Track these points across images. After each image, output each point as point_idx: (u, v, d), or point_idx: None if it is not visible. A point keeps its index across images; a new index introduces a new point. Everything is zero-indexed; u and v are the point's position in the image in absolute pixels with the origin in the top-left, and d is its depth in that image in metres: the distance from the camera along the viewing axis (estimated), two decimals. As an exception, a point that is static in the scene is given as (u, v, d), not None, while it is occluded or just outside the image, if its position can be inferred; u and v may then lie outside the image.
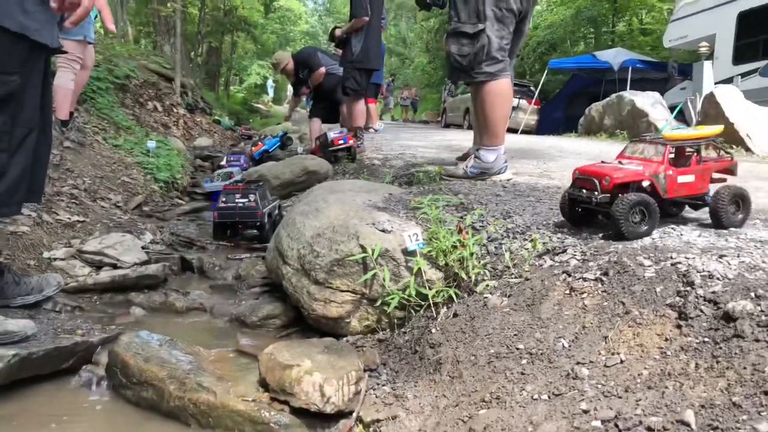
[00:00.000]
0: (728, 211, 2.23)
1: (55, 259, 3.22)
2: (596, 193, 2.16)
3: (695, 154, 2.29)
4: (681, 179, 2.22)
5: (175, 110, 11.32)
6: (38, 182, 2.56)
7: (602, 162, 2.37)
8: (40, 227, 3.48)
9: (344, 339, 2.48)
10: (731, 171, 2.39)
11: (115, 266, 3.28)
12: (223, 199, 4.34)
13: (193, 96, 14.26)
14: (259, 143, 8.47)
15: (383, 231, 2.55)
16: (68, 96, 5.23)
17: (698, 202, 2.35)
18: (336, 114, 7.86)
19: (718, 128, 2.36)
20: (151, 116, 9.76)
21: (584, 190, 2.23)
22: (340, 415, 1.97)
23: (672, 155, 2.25)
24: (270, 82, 29.47)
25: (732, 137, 7.76)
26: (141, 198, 5.15)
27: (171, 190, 6.20)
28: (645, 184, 2.17)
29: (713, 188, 2.32)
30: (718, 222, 2.24)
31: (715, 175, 2.38)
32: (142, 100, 9.91)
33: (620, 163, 2.28)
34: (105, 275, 3.16)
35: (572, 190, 2.32)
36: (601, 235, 2.25)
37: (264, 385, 2.06)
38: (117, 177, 5.30)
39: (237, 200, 4.31)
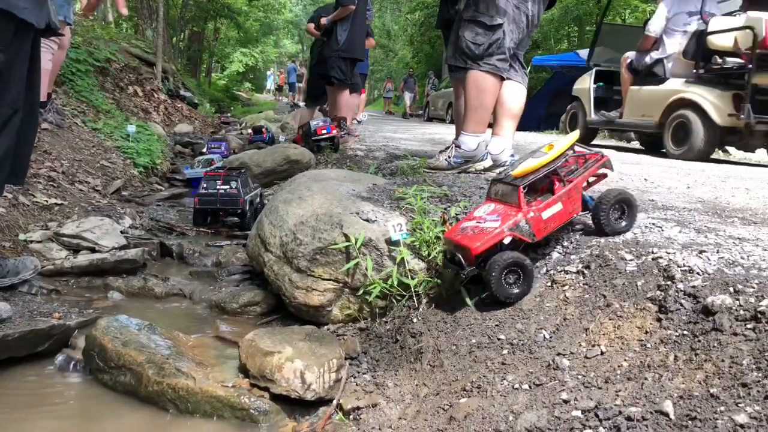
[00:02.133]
0: (611, 217, 2.07)
1: (31, 242, 3.17)
2: (464, 265, 1.98)
3: (555, 177, 2.09)
4: (547, 214, 2.02)
5: (155, 95, 11.18)
6: (22, 165, 2.51)
7: (464, 220, 2.14)
8: (15, 209, 3.42)
9: (325, 327, 2.48)
10: (607, 167, 2.21)
11: (93, 250, 3.23)
12: (204, 186, 4.29)
13: (174, 82, 14.09)
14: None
15: (367, 220, 2.54)
16: (45, 76, 5.13)
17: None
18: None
19: (571, 139, 2.15)
20: (131, 101, 9.64)
21: (456, 259, 2.03)
22: (321, 402, 1.97)
23: (526, 192, 2.04)
24: (270, 73, 28.82)
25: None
26: (120, 182, 5.08)
27: (150, 175, 6.13)
28: (506, 241, 1.98)
29: (599, 191, 2.20)
30: (599, 228, 2.09)
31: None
32: (122, 84, 9.77)
33: (481, 219, 2.06)
34: (83, 259, 3.12)
35: (447, 257, 2.15)
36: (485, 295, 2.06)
37: (244, 371, 2.05)
38: (96, 161, 5.22)
39: (218, 187, 4.25)
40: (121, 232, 3.62)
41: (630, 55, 7.13)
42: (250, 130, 9.30)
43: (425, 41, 30.23)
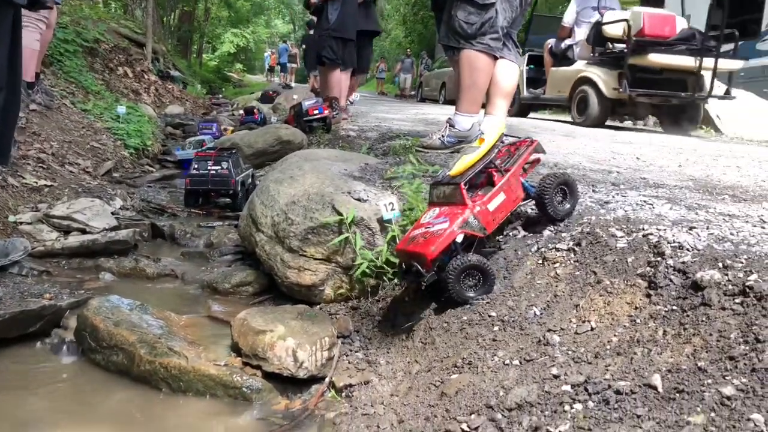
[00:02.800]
0: (554, 201, 2.09)
1: (21, 223, 3.15)
2: (422, 272, 1.92)
3: (492, 169, 2.10)
4: (493, 205, 2.01)
5: (146, 76, 11.08)
6: (5, 144, 2.48)
7: (413, 230, 2.10)
8: (5, 190, 3.39)
9: (318, 306, 2.48)
10: (539, 152, 2.22)
11: (83, 231, 3.21)
12: (195, 166, 4.26)
13: (164, 63, 13.96)
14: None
15: (359, 200, 2.54)
16: (34, 56, 5.06)
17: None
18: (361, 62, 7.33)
19: (498, 131, 2.17)
20: (121, 82, 9.54)
21: (413, 268, 1.98)
22: (313, 380, 1.98)
23: (467, 188, 2.03)
24: (267, 54, 27.39)
25: (702, 117, 7.88)
26: (111, 164, 5.04)
27: (141, 157, 6.09)
28: (459, 239, 1.96)
29: (539, 175, 2.20)
30: (544, 212, 2.12)
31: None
32: (112, 65, 9.67)
33: (429, 225, 2.02)
34: (73, 240, 3.10)
35: (403, 270, 2.10)
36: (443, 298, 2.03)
37: (236, 350, 2.06)
38: (86, 142, 5.18)
39: (209, 167, 4.23)
40: (112, 213, 3.60)
41: (551, 41, 8.60)
42: (241, 111, 9.25)
43: (418, 21, 29.98)
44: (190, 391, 1.91)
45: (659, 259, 1.64)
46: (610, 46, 7.58)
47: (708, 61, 6.97)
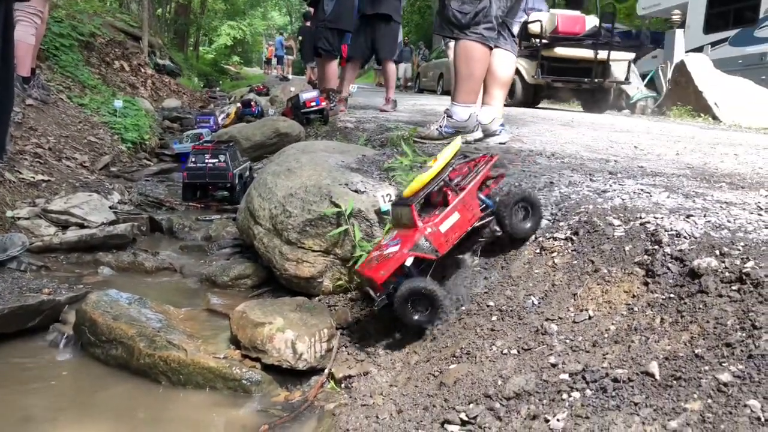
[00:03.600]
0: (513, 219, 1.99)
1: (18, 218, 3.15)
2: (377, 296, 1.91)
3: (447, 188, 2.02)
4: (445, 226, 1.93)
5: (142, 70, 11.04)
6: (1, 138, 2.48)
7: (374, 251, 2.07)
8: (2, 185, 3.39)
9: (317, 298, 2.48)
10: (500, 167, 2.14)
11: (81, 226, 3.21)
12: (193, 159, 4.26)
13: (161, 56, 13.91)
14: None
15: (356, 191, 2.54)
16: (29, 51, 5.03)
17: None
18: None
19: (454, 147, 2.07)
20: (117, 76, 9.51)
21: (370, 292, 1.97)
22: (312, 371, 1.98)
23: (419, 209, 1.97)
24: (279, 39, 27.07)
25: (700, 106, 7.88)
26: (108, 158, 5.04)
27: (139, 150, 6.09)
28: (408, 262, 1.89)
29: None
30: (503, 230, 2.02)
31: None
32: (108, 59, 9.63)
33: (385, 247, 1.99)
34: (72, 235, 3.10)
35: (364, 290, 2.09)
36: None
37: (235, 342, 2.06)
38: (83, 136, 5.17)
39: (207, 161, 4.23)
40: (110, 207, 3.60)
41: None
42: (238, 104, 9.21)
43: (415, 11, 29.87)
44: (189, 384, 1.91)
45: (656, 247, 1.64)
46: (533, 41, 9.16)
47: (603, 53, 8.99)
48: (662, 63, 10.18)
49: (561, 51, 9.01)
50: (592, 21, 9.36)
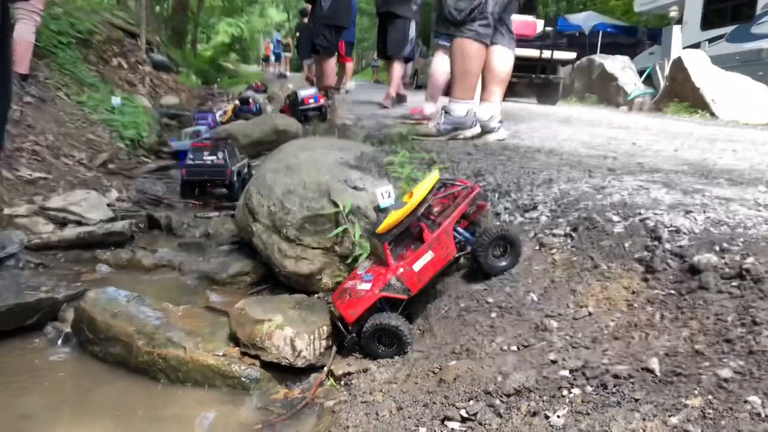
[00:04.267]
0: (488, 256, 1.92)
1: (16, 216, 3.14)
2: (347, 332, 1.94)
3: (423, 224, 1.97)
4: (419, 265, 1.90)
5: (140, 67, 10.98)
6: None
7: (349, 279, 2.07)
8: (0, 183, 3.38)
9: (316, 295, 2.48)
10: (480, 200, 2.07)
11: (80, 223, 3.21)
12: (191, 157, 4.25)
13: (160, 54, 13.86)
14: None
15: (355, 188, 2.53)
16: (29, 49, 5.02)
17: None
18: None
19: (431, 181, 1.99)
20: (115, 73, 9.46)
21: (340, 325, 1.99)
22: (312, 369, 1.98)
23: (392, 246, 1.94)
24: (276, 36, 26.98)
25: (698, 102, 7.89)
26: (106, 155, 5.02)
27: (137, 148, 6.07)
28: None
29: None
30: (479, 266, 1.96)
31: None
32: (106, 56, 9.58)
33: (359, 279, 1.98)
34: (70, 232, 3.09)
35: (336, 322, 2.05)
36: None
37: (234, 339, 2.05)
38: (81, 134, 5.15)
39: (205, 158, 4.23)
40: (108, 204, 3.60)
41: None
42: (236, 101, 9.20)
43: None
44: (188, 381, 1.91)
45: (656, 243, 1.64)
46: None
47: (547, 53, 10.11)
48: (659, 59, 10.18)
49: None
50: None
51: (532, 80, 10.50)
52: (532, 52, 10.16)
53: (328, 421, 1.64)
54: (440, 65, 5.08)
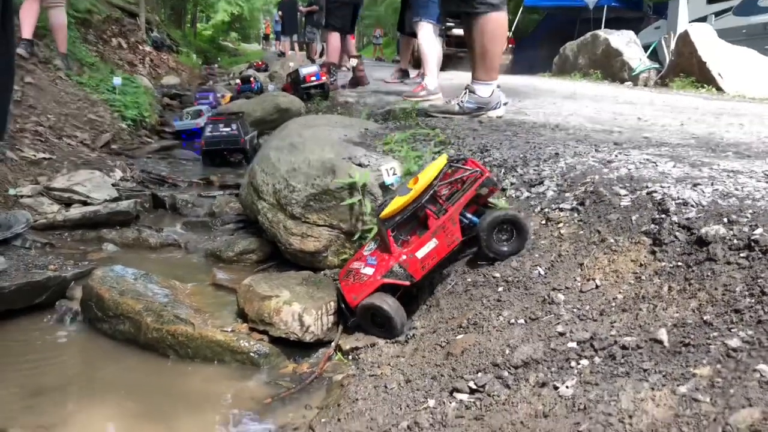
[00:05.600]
0: (492, 240, 1.88)
1: (21, 196, 3.14)
2: (349, 315, 1.98)
3: (428, 210, 1.95)
4: (422, 253, 1.90)
5: (140, 47, 10.95)
6: (2, 116, 2.46)
7: (354, 260, 2.10)
8: (3, 164, 3.38)
9: (322, 273, 2.48)
10: (489, 186, 2.00)
11: (84, 203, 3.21)
12: (209, 129, 4.73)
13: (159, 33, 13.77)
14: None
15: (360, 165, 2.52)
16: (65, 30, 5.79)
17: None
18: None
19: (437, 167, 1.95)
20: (115, 53, 9.42)
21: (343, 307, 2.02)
22: (320, 344, 1.99)
23: (395, 232, 1.94)
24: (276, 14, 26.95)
25: (704, 76, 7.82)
26: (109, 136, 5.01)
27: (139, 128, 6.06)
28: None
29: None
30: (481, 249, 1.92)
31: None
32: (105, 36, 9.54)
33: (363, 261, 2.01)
34: (75, 212, 3.10)
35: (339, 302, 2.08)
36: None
37: (242, 316, 2.07)
38: (83, 114, 5.14)
39: (221, 129, 4.73)
40: (113, 184, 3.60)
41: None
42: (238, 81, 9.16)
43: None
44: (197, 357, 1.92)
45: (664, 216, 1.64)
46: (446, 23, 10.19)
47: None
48: (665, 34, 10.07)
49: (455, 31, 11.25)
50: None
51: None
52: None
53: (337, 395, 1.66)
54: (431, 42, 5.03)
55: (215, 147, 4.84)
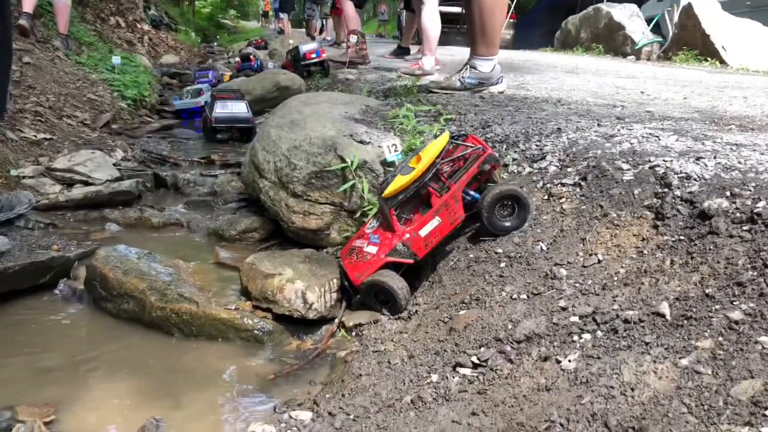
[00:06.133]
0: (493, 215, 1.88)
1: (23, 177, 3.14)
2: (351, 293, 2.02)
3: (431, 188, 1.95)
4: (425, 231, 1.91)
5: (138, 26, 10.85)
6: (1, 95, 2.45)
7: (356, 237, 2.13)
8: (4, 145, 3.37)
9: (324, 250, 2.49)
10: (491, 163, 1.97)
11: (86, 183, 3.21)
12: (219, 107, 4.87)
13: (157, 11, 13.64)
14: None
15: (361, 142, 2.51)
16: (68, 11, 5.86)
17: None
18: None
19: (440, 145, 1.95)
20: (114, 32, 9.34)
21: (346, 285, 2.05)
22: (323, 321, 2.00)
23: (398, 210, 1.95)
24: None
25: (707, 50, 7.73)
26: (109, 115, 4.99)
27: (139, 107, 6.02)
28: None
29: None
30: (483, 225, 1.92)
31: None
32: (103, 15, 9.45)
33: (366, 239, 2.03)
34: (77, 192, 3.10)
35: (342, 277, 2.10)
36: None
37: (246, 294, 2.08)
38: (82, 94, 5.11)
39: (231, 107, 4.92)
40: (114, 164, 3.59)
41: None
42: (237, 59, 9.10)
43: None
44: (202, 335, 1.94)
45: (666, 190, 1.63)
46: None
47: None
48: (668, 6, 9.94)
49: (441, 8, 11.00)
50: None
51: (459, 29, 11.64)
52: (451, 9, 10.81)
53: (341, 370, 1.67)
54: (434, 20, 5.00)
55: (225, 124, 4.94)
